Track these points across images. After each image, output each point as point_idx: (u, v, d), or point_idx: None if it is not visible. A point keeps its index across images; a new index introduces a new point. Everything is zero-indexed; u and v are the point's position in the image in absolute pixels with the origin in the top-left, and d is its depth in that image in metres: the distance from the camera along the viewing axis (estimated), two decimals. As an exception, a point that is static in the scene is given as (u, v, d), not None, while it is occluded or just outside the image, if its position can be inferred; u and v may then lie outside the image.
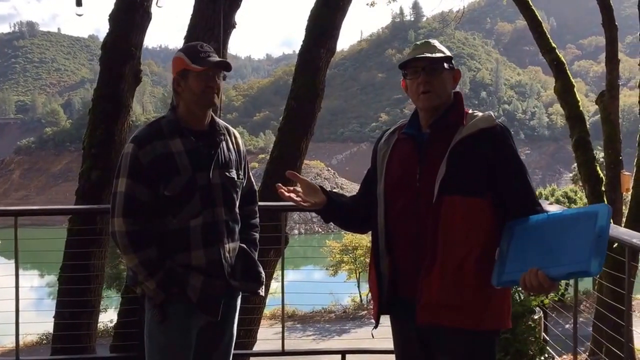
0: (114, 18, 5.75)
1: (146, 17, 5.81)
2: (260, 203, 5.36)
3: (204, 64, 2.76)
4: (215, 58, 2.79)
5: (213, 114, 2.93)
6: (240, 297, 3.01)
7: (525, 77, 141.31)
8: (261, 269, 3.02)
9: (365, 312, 18.46)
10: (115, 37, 5.73)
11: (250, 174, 3.07)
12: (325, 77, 6.76)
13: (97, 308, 5.95)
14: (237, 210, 2.92)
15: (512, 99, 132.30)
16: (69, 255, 5.66)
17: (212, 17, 5.53)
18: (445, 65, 2.48)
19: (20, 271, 4.34)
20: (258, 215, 3.13)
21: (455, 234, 2.31)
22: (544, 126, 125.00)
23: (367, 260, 20.88)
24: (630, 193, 8.13)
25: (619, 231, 3.21)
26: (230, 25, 5.80)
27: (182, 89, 2.81)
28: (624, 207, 9.69)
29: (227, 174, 2.85)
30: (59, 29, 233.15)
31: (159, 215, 2.74)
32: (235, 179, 2.90)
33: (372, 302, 2.72)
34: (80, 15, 5.80)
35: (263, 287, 3.04)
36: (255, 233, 3.07)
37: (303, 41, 6.71)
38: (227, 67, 2.83)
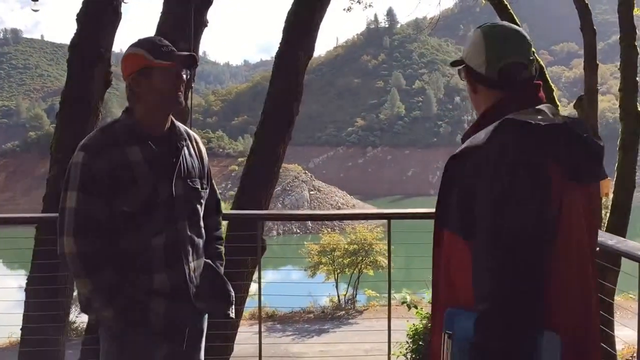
0: (81, 18, 5.31)
1: (116, 17, 5.38)
2: (235, 211, 4.95)
3: (171, 58, 2.36)
4: (182, 52, 2.42)
5: (173, 118, 2.52)
6: (206, 318, 2.62)
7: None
8: (230, 287, 2.63)
9: (343, 312, 18.21)
10: (83, 38, 5.29)
11: (213, 181, 2.69)
12: (304, 80, 6.41)
13: (66, 322, 5.52)
14: (201, 223, 2.54)
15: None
16: (37, 266, 5.24)
17: (182, 15, 5.13)
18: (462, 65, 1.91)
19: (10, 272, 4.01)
20: (222, 226, 2.75)
21: (448, 275, 1.74)
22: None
23: (345, 261, 20.76)
24: (610, 197, 7.94)
25: (628, 245, 2.81)
26: (201, 23, 5.41)
27: (144, 90, 2.39)
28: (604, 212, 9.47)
29: (190, 184, 2.46)
30: (42, 35, 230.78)
31: (116, 233, 2.33)
32: (200, 189, 2.51)
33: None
34: (36, 10, 5.39)
35: (233, 307, 2.64)
36: (220, 246, 2.69)
37: (280, 43, 6.34)
38: (195, 61, 2.44)
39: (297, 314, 17.43)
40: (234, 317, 2.67)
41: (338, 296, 19.87)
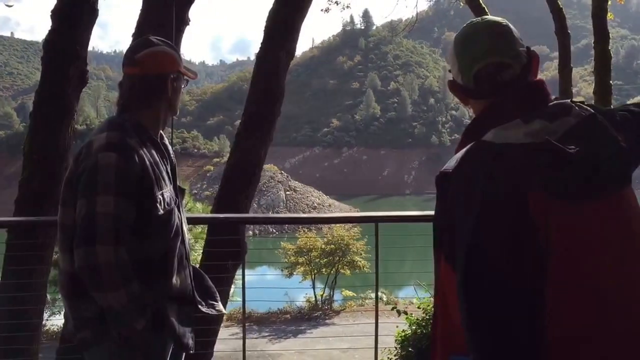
0: (56, 14, 5.09)
1: (92, 13, 5.17)
2: (218, 215, 4.84)
3: (194, 73, 2.43)
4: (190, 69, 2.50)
5: None
6: None
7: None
8: (211, 283, 2.64)
9: (320, 312, 18.18)
10: (58, 35, 5.04)
11: None
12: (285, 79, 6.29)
13: (39, 332, 5.28)
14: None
15: (458, 106, 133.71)
16: (8, 272, 5.01)
17: (163, 12, 4.96)
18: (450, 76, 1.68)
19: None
20: None
21: (445, 303, 1.53)
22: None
23: (322, 261, 20.68)
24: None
25: None
26: (183, 21, 5.25)
27: (171, 92, 2.35)
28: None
29: (179, 185, 2.45)
30: (12, 33, 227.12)
31: (142, 238, 2.21)
32: (184, 189, 2.50)
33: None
34: (10, 6, 5.17)
35: (219, 302, 2.63)
36: None
37: (261, 43, 6.21)
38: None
39: (273, 315, 17.39)
40: (225, 311, 2.63)
41: (315, 297, 19.81)
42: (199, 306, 2.45)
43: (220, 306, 2.58)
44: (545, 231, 1.33)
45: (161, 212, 2.21)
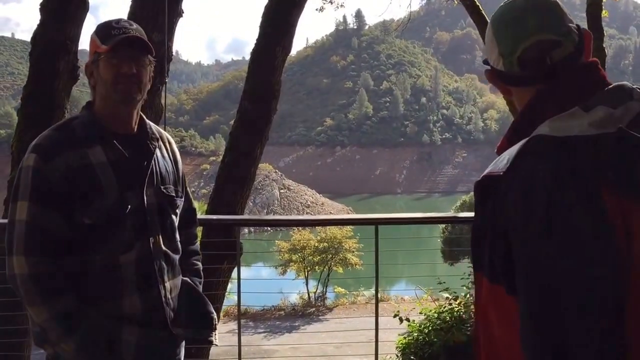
0: (45, 7, 4.81)
1: (82, 7, 4.89)
2: (212, 216, 4.56)
3: (111, 41, 1.92)
4: (131, 34, 1.96)
5: (142, 115, 2.11)
6: (184, 345, 2.21)
7: (462, 84, 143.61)
8: (212, 309, 2.24)
9: (314, 309, 18.07)
10: (47, 29, 4.76)
11: (188, 188, 2.28)
12: (281, 77, 6.03)
13: (29, 338, 4.98)
14: (177, 236, 2.14)
15: (450, 105, 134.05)
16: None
17: (155, 4, 4.72)
18: (489, 66, 1.40)
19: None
20: (197, 239, 2.36)
21: (488, 328, 1.27)
22: (479, 130, 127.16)
23: (315, 259, 20.51)
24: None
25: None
26: (176, 13, 4.99)
27: (95, 80, 1.99)
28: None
29: (164, 191, 2.06)
30: (12, 33, 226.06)
31: (77, 250, 1.92)
32: (175, 196, 2.12)
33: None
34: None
35: (216, 331, 2.25)
36: (197, 262, 2.30)
37: (257, 39, 5.96)
38: (142, 44, 1.97)
39: (268, 312, 17.28)
40: (217, 343, 2.27)
41: (308, 294, 19.68)
42: (174, 329, 2.09)
43: (213, 337, 2.24)
44: (625, 238, 1.08)
45: (91, 221, 1.91)
